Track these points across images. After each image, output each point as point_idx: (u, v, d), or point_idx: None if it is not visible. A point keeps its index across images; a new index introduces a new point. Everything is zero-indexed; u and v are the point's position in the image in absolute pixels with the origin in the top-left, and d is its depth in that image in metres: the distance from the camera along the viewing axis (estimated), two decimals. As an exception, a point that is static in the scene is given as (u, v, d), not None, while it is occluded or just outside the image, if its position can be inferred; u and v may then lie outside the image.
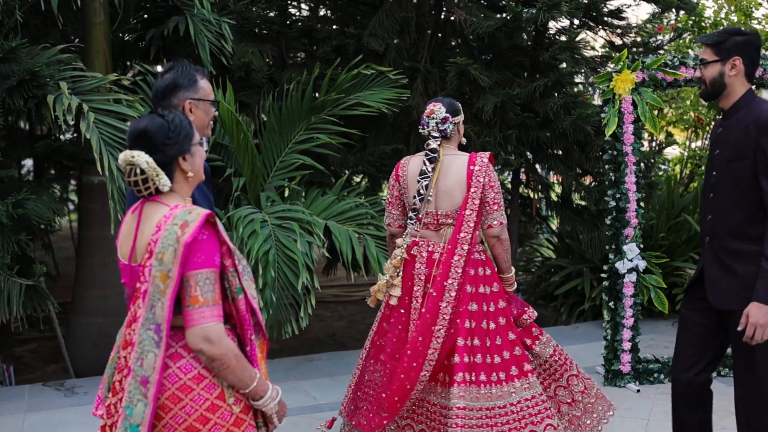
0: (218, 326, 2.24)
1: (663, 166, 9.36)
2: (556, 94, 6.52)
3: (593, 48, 7.24)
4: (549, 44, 6.80)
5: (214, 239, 2.29)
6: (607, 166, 5.42)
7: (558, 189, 7.68)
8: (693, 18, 8.55)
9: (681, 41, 8.76)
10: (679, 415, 3.58)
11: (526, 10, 6.16)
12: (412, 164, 3.85)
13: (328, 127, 6.24)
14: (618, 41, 7.44)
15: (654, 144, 8.91)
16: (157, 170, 2.33)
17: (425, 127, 3.80)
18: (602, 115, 5.38)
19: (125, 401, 2.23)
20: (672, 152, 9.57)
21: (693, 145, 8.96)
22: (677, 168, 9.15)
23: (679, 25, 8.63)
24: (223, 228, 2.36)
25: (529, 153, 7.11)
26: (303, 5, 7.56)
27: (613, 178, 5.39)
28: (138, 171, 2.32)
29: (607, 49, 7.44)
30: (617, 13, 7.20)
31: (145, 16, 6.94)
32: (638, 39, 7.35)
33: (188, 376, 2.29)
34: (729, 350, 3.62)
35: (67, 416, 5.03)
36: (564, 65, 6.66)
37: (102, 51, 6.30)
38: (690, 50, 8.58)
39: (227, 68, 6.60)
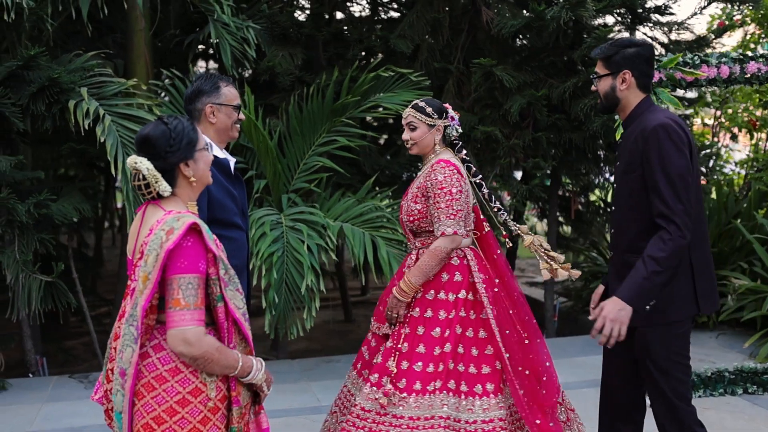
0: (197, 329, 2.32)
1: (731, 167, 8.91)
2: (586, 95, 6.30)
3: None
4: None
5: (199, 246, 2.36)
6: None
7: (598, 192, 7.44)
8: (761, 12, 8.09)
9: (749, 37, 8.32)
10: None
11: (549, 8, 5.98)
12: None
13: (349, 130, 6.27)
14: (664, 39, 7.12)
15: (715, 146, 8.50)
16: (157, 176, 2.41)
17: (456, 130, 3.73)
18: (616, 117, 5.17)
19: (113, 389, 2.39)
20: (737, 155, 9.09)
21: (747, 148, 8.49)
22: (737, 172, 8.68)
23: (747, 19, 8.20)
24: (210, 236, 2.42)
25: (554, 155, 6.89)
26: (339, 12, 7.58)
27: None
28: (141, 176, 2.42)
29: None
30: (663, 9, 6.89)
31: (184, 23, 7.15)
32: (685, 36, 7.01)
33: (165, 368, 2.38)
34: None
35: (81, 407, 5.24)
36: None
37: (143, 56, 6.54)
38: (759, 47, 8.12)
39: (256, 72, 6.75)
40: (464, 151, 3.77)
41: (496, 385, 3.41)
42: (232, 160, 3.45)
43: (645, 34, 7.18)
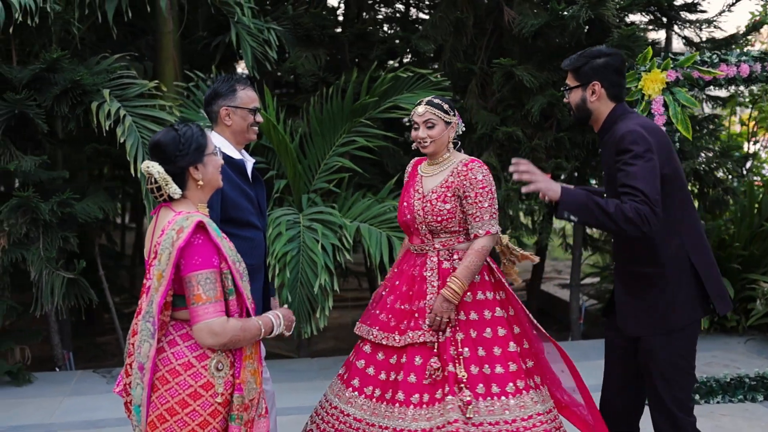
0: (220, 319, 2.50)
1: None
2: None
3: (656, 43, 6.85)
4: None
5: (209, 243, 2.53)
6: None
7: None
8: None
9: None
10: None
11: (568, 7, 5.91)
12: None
13: (368, 130, 6.29)
14: (695, 37, 6.97)
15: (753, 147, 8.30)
16: (167, 179, 2.57)
17: (462, 128, 3.74)
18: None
19: (133, 383, 2.56)
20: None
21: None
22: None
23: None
24: (217, 232, 2.57)
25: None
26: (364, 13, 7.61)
27: (642, 183, 5.09)
28: (153, 179, 2.58)
29: (684, 45, 7.00)
30: (692, 6, 6.75)
31: (212, 24, 7.26)
32: (716, 34, 6.86)
33: (178, 362, 2.53)
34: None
35: (100, 401, 5.38)
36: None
37: (171, 58, 6.66)
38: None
39: (286, 72, 6.83)
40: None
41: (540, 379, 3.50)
42: (250, 161, 3.51)
43: (675, 32, 7.05)
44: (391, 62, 6.46)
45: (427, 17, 7.69)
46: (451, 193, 3.51)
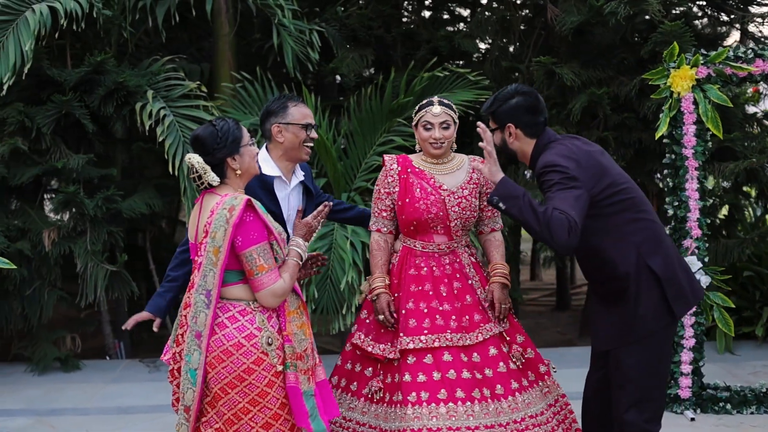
0: (279, 282, 2.84)
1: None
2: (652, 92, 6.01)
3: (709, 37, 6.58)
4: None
5: (258, 220, 2.84)
6: (666, 171, 4.97)
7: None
8: None
9: None
10: None
11: (606, 4, 5.76)
12: None
13: (406, 130, 6.31)
14: (756, 31, 6.68)
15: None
16: (205, 168, 2.87)
17: None
18: (661, 115, 4.93)
19: (185, 351, 2.85)
20: None
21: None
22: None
23: None
24: (263, 209, 2.90)
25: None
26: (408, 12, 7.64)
27: (671, 184, 4.93)
28: (194, 169, 2.88)
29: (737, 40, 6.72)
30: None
31: (267, 27, 7.44)
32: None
33: (230, 343, 2.81)
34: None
35: (135, 390, 5.63)
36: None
37: (226, 60, 6.89)
38: None
39: (329, 73, 6.95)
40: None
41: None
42: (297, 178, 3.50)
43: (735, 27, 6.77)
44: (432, 60, 6.43)
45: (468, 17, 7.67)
46: (478, 190, 3.60)
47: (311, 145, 3.45)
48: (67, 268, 6.07)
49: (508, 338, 3.50)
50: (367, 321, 3.62)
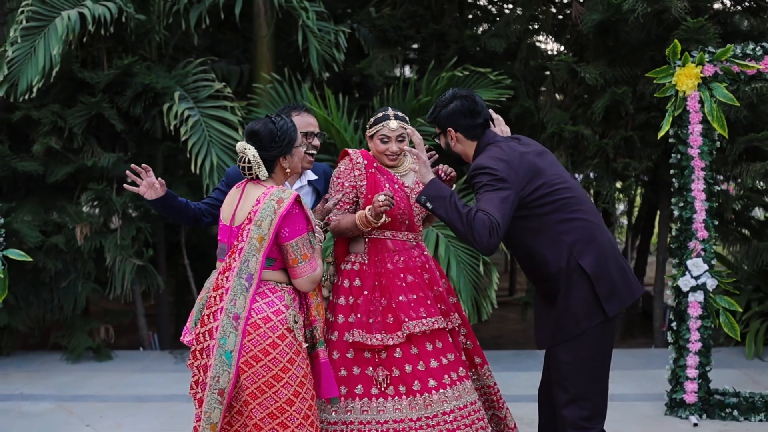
0: (318, 269, 3.06)
1: None
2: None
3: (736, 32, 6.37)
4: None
5: (302, 213, 3.03)
6: (672, 171, 4.87)
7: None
8: None
9: None
10: None
11: (624, 1, 5.66)
12: None
13: (427, 129, 6.34)
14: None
15: None
16: (259, 163, 3.02)
17: None
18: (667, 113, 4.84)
19: (219, 333, 2.93)
20: None
21: None
22: None
23: None
24: (306, 203, 3.10)
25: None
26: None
27: (677, 184, 4.83)
28: (246, 159, 3.02)
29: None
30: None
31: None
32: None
33: (258, 317, 2.95)
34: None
35: (155, 379, 5.87)
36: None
37: (265, 61, 7.11)
38: None
39: (355, 73, 7.07)
40: None
41: None
42: (301, 182, 3.62)
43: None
44: (453, 60, 6.45)
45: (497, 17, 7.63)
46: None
47: (313, 152, 3.54)
48: (100, 262, 6.37)
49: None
50: (350, 302, 3.52)
